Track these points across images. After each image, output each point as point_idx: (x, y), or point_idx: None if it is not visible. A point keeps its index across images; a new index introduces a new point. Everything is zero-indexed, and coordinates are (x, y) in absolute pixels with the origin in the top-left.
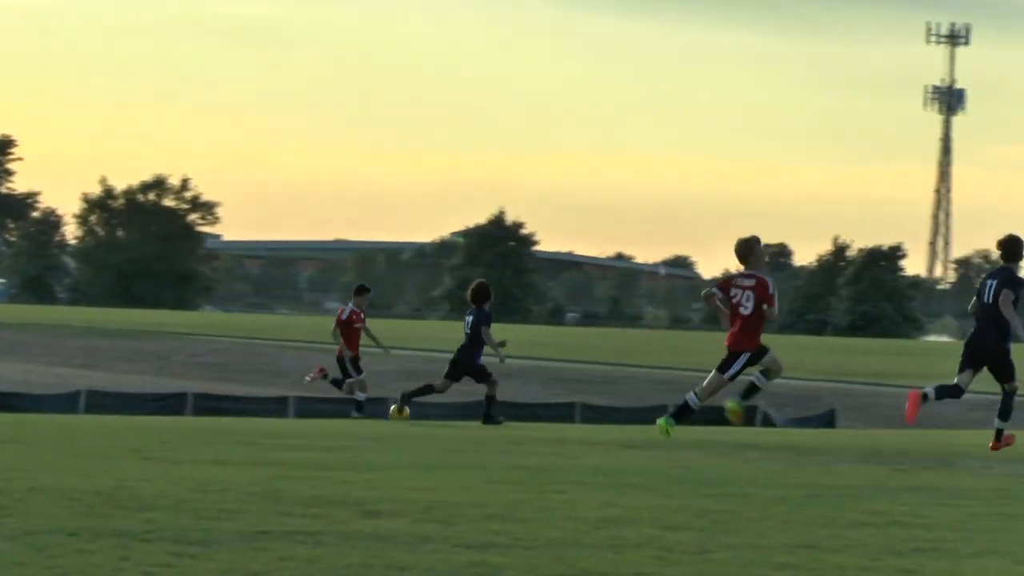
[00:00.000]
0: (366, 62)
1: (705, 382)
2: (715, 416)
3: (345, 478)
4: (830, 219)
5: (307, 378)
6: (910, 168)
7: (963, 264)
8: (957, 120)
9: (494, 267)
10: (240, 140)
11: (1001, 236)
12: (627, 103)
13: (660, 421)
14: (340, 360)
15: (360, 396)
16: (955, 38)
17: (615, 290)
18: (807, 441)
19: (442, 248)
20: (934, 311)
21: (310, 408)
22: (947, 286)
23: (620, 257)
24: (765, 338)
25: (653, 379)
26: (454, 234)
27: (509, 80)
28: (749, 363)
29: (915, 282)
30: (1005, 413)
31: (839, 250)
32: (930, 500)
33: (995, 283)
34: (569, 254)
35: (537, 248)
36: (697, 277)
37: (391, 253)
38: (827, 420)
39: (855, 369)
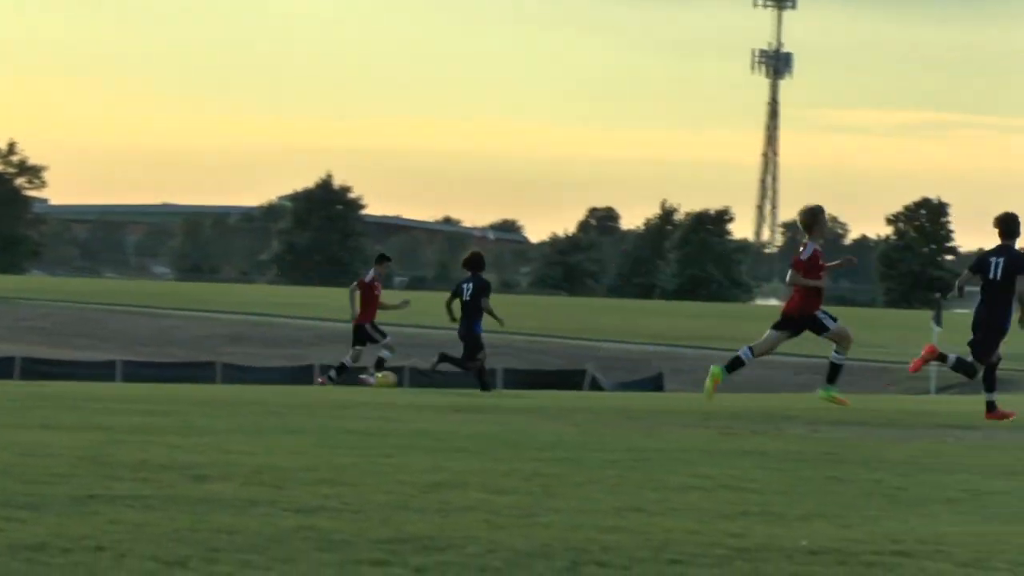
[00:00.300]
0: (193, 26)
1: (836, 341)
2: (549, 380)
3: (173, 442)
4: (658, 183)
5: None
6: (738, 132)
7: (791, 228)
8: (784, 84)
9: (321, 231)
10: (67, 104)
11: (999, 213)
12: (456, 67)
13: (821, 392)
14: (359, 328)
15: (386, 354)
16: (782, 2)
17: (443, 254)
18: (635, 404)
19: (269, 212)
20: (762, 275)
21: (137, 372)
22: (775, 250)
23: (448, 221)
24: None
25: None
26: (281, 198)
27: (336, 43)
28: (827, 313)
29: (743, 246)
30: (961, 366)
31: (666, 214)
32: (758, 464)
33: (1002, 262)
34: (397, 218)
35: (364, 212)
36: (525, 241)
37: (218, 217)
38: (655, 383)
39: (683, 333)
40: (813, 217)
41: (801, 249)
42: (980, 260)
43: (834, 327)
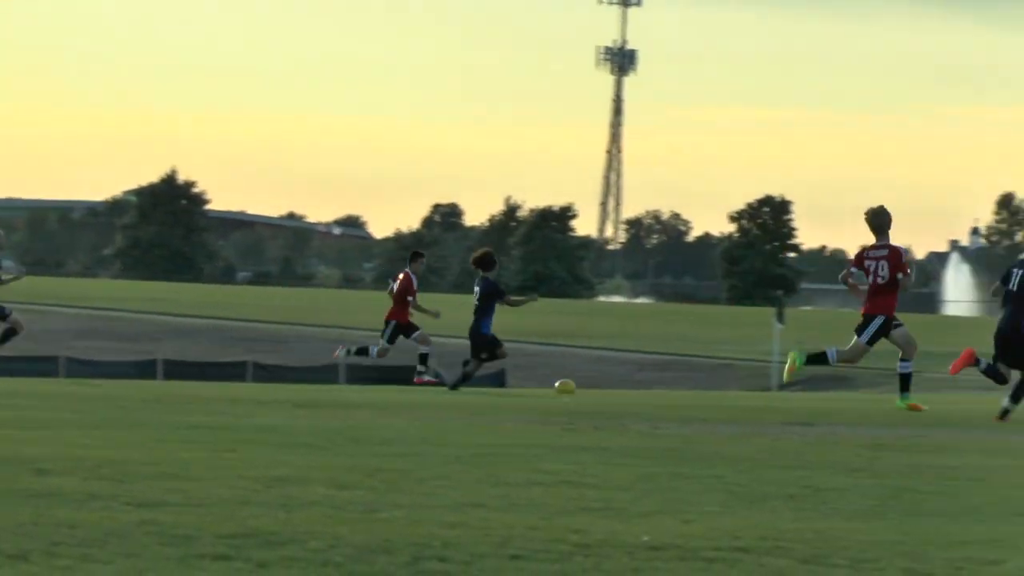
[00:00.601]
0: (36, 16)
1: (848, 346)
2: (391, 375)
3: (14, 436)
4: (502, 179)
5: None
6: (582, 128)
7: (634, 224)
8: (628, 81)
9: (166, 226)
10: None
11: None
12: (300, 61)
13: (793, 353)
14: (399, 325)
15: (373, 351)
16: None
17: (287, 249)
18: (478, 400)
19: (114, 207)
20: (605, 271)
21: None
22: (618, 247)
23: (292, 216)
24: None
25: (325, 338)
26: (126, 193)
27: (181, 37)
28: (883, 328)
29: (586, 242)
30: (1017, 396)
31: (510, 210)
32: (600, 459)
33: (1023, 273)
34: (241, 213)
35: (209, 207)
36: (369, 237)
37: (62, 211)
38: (498, 379)
39: (525, 328)
40: (888, 219)
41: (890, 253)
42: (1008, 270)
43: (864, 343)
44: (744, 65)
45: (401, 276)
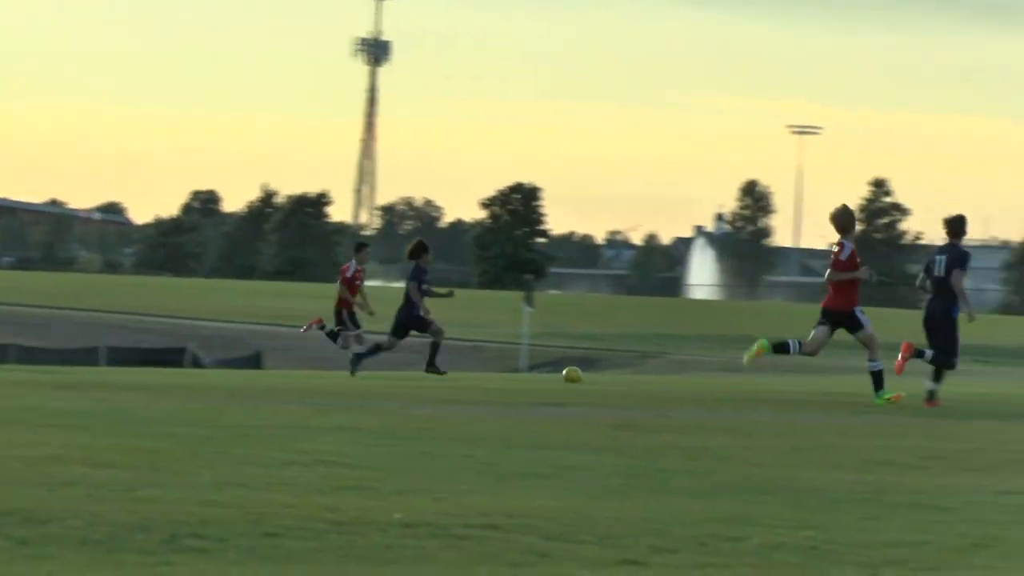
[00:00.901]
0: None
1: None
2: (152, 357)
3: None
4: (259, 167)
5: (303, 328)
6: (337, 117)
7: (387, 211)
8: (383, 71)
9: None
10: None
11: (949, 215)
12: (59, 50)
13: (876, 400)
14: (339, 311)
15: (359, 349)
16: None
17: (49, 235)
18: (235, 382)
19: None
20: None
21: None
22: (372, 232)
23: (54, 203)
24: None
25: (85, 321)
26: None
27: None
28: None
29: (341, 228)
30: (938, 376)
31: (267, 197)
32: (354, 439)
33: (945, 259)
34: (3, 199)
35: None
36: (129, 223)
37: None
38: (254, 361)
39: (281, 312)
40: (851, 218)
41: (838, 249)
42: (929, 259)
43: (868, 329)
44: (495, 57)
45: (345, 267)
